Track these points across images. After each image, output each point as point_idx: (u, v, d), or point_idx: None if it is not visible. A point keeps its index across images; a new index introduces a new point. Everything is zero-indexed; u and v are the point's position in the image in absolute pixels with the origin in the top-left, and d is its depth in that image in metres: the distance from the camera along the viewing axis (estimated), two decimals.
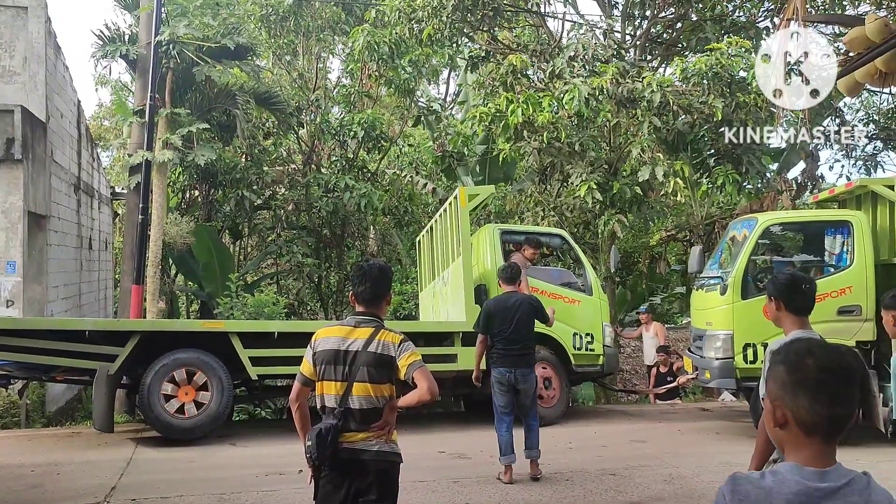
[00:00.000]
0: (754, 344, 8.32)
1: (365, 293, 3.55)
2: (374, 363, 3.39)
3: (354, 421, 3.43)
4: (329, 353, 3.44)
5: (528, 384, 6.79)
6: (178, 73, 14.17)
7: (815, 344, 1.66)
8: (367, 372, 3.39)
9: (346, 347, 3.43)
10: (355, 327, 3.48)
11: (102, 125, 24.58)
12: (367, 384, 3.40)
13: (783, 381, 1.62)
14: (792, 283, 3.55)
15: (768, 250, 9.33)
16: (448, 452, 7.93)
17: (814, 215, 9.68)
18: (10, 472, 7.04)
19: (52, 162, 12.25)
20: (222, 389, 8.39)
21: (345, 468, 3.44)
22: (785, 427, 1.63)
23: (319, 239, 17.39)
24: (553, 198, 13.68)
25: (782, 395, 1.62)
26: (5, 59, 11.66)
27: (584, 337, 10.03)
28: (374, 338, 3.42)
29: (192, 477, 6.94)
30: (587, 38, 12.27)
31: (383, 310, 3.62)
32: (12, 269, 10.66)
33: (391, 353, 3.40)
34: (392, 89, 16.61)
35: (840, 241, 8.80)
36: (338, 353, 3.43)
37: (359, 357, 3.40)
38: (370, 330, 3.45)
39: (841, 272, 8.56)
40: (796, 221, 9.60)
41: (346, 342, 3.44)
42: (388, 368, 3.41)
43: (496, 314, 6.77)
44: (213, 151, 14.37)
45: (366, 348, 3.40)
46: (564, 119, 11.59)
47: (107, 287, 17.41)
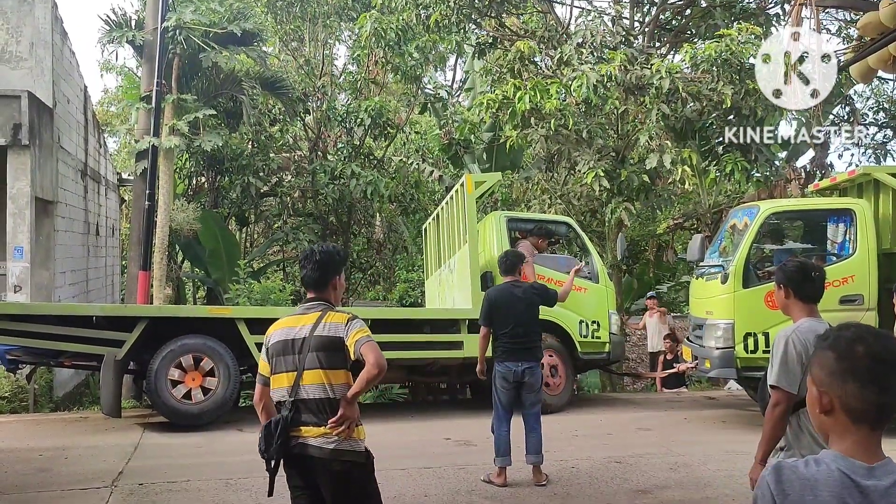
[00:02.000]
0: (755, 333, 8.23)
1: (310, 277, 3.42)
2: (322, 347, 3.23)
3: (309, 413, 3.24)
4: (278, 344, 3.31)
5: (535, 378, 6.33)
6: (184, 59, 14.15)
7: (864, 331, 1.62)
8: (316, 358, 3.23)
9: (293, 336, 3.29)
10: (303, 314, 3.35)
11: (109, 111, 24.58)
12: (318, 370, 3.23)
13: (831, 367, 1.60)
14: (801, 270, 3.52)
15: (769, 239, 9.25)
16: (454, 439, 7.94)
17: (816, 203, 9.57)
18: (18, 456, 7.08)
19: (58, 148, 12.26)
20: (229, 375, 8.41)
21: (301, 467, 3.28)
22: (831, 414, 1.61)
23: (326, 226, 17.39)
24: (560, 185, 13.63)
25: (830, 382, 1.60)
26: (12, 45, 11.65)
27: (591, 325, 10.01)
28: (322, 321, 3.27)
29: (199, 462, 6.96)
30: (595, 24, 12.18)
31: (332, 294, 3.45)
32: (20, 254, 10.70)
33: (339, 334, 3.23)
34: (399, 76, 16.55)
35: (842, 229, 8.70)
36: (286, 343, 3.29)
37: (306, 343, 3.24)
38: (317, 314, 3.31)
39: (843, 261, 8.46)
40: (798, 210, 9.50)
41: (294, 331, 3.30)
42: (340, 351, 3.24)
43: (499, 305, 6.33)
44: (220, 138, 14.38)
45: (313, 332, 3.25)
46: (572, 106, 11.52)
47: (113, 273, 17.47)
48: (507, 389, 6.27)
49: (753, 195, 13.81)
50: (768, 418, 3.28)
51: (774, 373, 3.26)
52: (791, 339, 3.26)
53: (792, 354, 3.22)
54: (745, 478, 3.49)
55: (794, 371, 3.20)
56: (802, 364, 3.13)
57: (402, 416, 9.69)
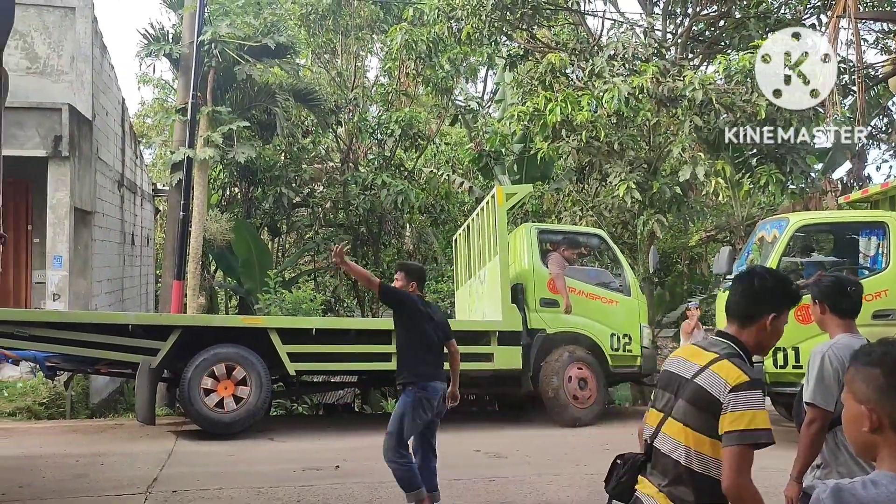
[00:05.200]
0: (784, 348, 7.99)
1: (732, 303, 2.67)
2: (693, 399, 2.51)
3: (657, 466, 2.61)
4: (666, 374, 2.72)
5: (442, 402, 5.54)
6: (219, 72, 14.37)
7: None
8: (684, 409, 2.53)
9: (680, 371, 2.63)
10: (704, 349, 2.65)
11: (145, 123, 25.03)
12: (681, 426, 2.53)
13: (880, 384, 1.56)
14: (837, 285, 3.47)
15: (799, 252, 9.09)
16: (483, 451, 7.92)
17: (848, 216, 9.38)
18: (56, 461, 7.21)
19: (97, 159, 12.52)
20: (261, 384, 8.48)
21: None
22: (879, 432, 1.57)
23: (356, 236, 17.50)
24: (591, 197, 13.57)
25: (878, 399, 1.56)
26: (53, 59, 11.94)
27: (622, 338, 9.93)
28: (709, 366, 2.53)
29: (231, 470, 7.03)
30: (627, 36, 12.15)
31: (753, 337, 2.63)
32: (59, 263, 10.93)
33: (717, 396, 2.44)
34: (430, 88, 16.63)
35: (875, 242, 8.51)
36: (671, 377, 2.66)
37: (683, 386, 2.57)
38: (712, 356, 2.56)
39: (876, 275, 8.24)
40: (829, 222, 9.33)
41: (686, 365, 2.62)
42: (712, 416, 2.44)
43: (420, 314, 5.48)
44: (253, 149, 14.56)
45: (694, 376, 2.54)
46: (603, 118, 11.49)
47: (148, 282, 17.75)
48: (426, 417, 5.38)
49: (788, 207, 13.62)
50: (804, 436, 3.24)
51: (810, 390, 3.22)
52: (827, 356, 3.21)
53: (828, 371, 3.18)
54: (781, 495, 3.44)
55: (830, 388, 3.15)
56: (839, 381, 3.08)
57: None
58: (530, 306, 9.70)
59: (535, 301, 9.70)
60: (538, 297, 9.71)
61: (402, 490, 5.22)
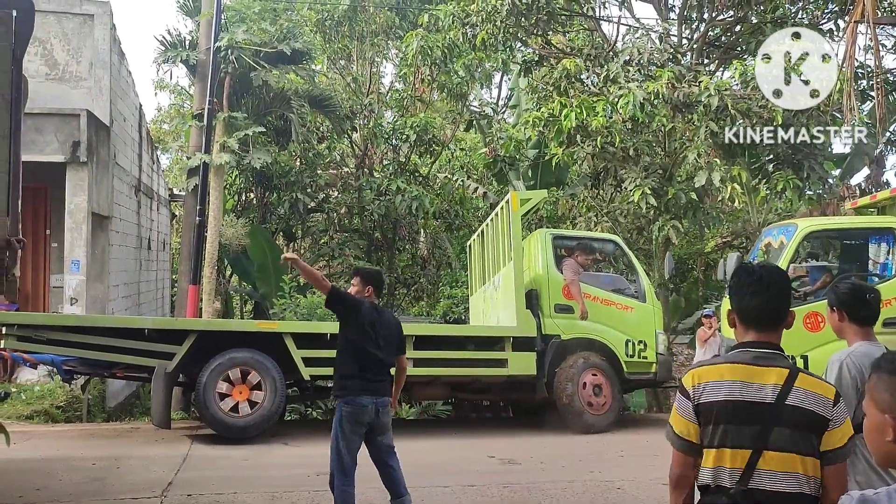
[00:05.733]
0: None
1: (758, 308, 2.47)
2: (798, 423, 2.29)
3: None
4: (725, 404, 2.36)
5: (387, 418, 5.24)
6: (235, 78, 14.48)
7: None
8: (790, 436, 2.30)
9: (751, 398, 2.34)
10: (754, 366, 2.39)
11: (162, 128, 25.24)
12: (792, 455, 2.29)
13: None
14: (856, 292, 3.42)
15: (806, 258, 8.98)
16: (498, 457, 7.89)
17: (856, 222, 9.29)
18: (73, 465, 7.26)
19: (114, 164, 12.63)
20: (275, 389, 8.50)
21: None
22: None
23: (371, 241, 17.55)
24: (606, 203, 13.53)
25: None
26: (72, 65, 12.07)
27: (637, 344, 9.88)
28: (794, 384, 2.32)
29: (246, 475, 7.06)
30: (642, 42, 12.11)
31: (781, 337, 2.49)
32: (76, 268, 11.02)
33: (824, 414, 2.28)
34: (444, 93, 16.67)
35: (885, 249, 8.41)
36: (738, 405, 2.35)
37: (772, 412, 2.31)
38: (783, 371, 2.36)
39: (886, 282, 8.09)
40: (838, 228, 9.24)
41: (751, 389, 2.35)
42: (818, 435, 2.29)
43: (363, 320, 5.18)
44: (269, 155, 14.65)
45: (783, 399, 2.31)
46: (619, 123, 11.46)
47: (164, 286, 17.86)
48: (359, 433, 5.13)
49: (805, 213, 13.52)
50: None
51: None
52: (846, 364, 3.18)
53: (846, 379, 3.14)
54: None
55: (848, 396, 3.11)
56: (857, 389, 3.04)
57: (445, 432, 9.68)
58: (545, 312, 9.67)
59: (550, 307, 9.68)
60: (553, 303, 9.69)
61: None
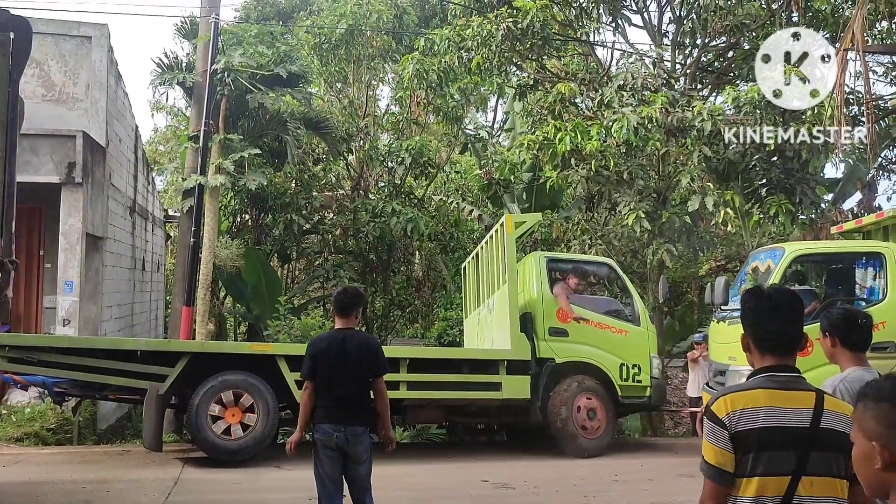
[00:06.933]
0: None
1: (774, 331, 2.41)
2: (833, 447, 2.26)
3: None
4: (762, 432, 2.29)
5: (361, 448, 5.01)
6: (231, 100, 14.54)
7: None
8: (828, 460, 2.27)
9: (786, 423, 2.29)
10: (782, 391, 2.33)
11: (157, 149, 25.28)
12: (832, 479, 2.27)
13: (891, 420, 1.53)
14: (848, 317, 3.44)
15: (793, 282, 9.00)
16: (491, 482, 7.85)
17: (844, 247, 9.33)
18: (62, 487, 7.19)
19: (109, 185, 12.64)
20: (268, 412, 8.45)
21: None
22: (893, 469, 1.53)
23: (366, 263, 17.55)
24: (601, 226, 13.58)
25: (890, 435, 1.53)
26: (69, 87, 12.12)
27: (631, 368, 9.87)
28: (824, 407, 2.29)
29: (238, 498, 6.99)
30: (636, 67, 12.23)
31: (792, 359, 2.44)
32: (70, 288, 10.99)
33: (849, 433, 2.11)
34: (440, 117, 16.76)
35: (872, 273, 8.42)
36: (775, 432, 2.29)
37: (809, 437, 2.27)
38: (811, 395, 2.31)
39: (873, 306, 8.06)
40: (825, 252, 9.28)
41: (784, 414, 2.30)
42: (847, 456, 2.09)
43: (323, 355, 5.03)
44: (264, 176, 14.68)
45: (818, 423, 2.28)
46: (613, 147, 11.54)
47: (157, 308, 17.80)
48: (330, 458, 5.02)
49: (798, 237, 13.59)
50: None
51: None
52: (839, 390, 3.18)
53: None
54: None
55: None
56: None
57: (438, 456, 9.63)
58: (539, 335, 9.67)
59: (544, 330, 9.67)
60: (547, 327, 9.68)
61: None
